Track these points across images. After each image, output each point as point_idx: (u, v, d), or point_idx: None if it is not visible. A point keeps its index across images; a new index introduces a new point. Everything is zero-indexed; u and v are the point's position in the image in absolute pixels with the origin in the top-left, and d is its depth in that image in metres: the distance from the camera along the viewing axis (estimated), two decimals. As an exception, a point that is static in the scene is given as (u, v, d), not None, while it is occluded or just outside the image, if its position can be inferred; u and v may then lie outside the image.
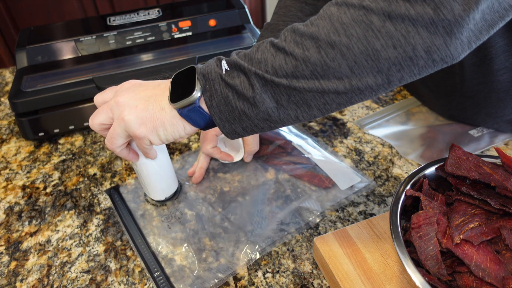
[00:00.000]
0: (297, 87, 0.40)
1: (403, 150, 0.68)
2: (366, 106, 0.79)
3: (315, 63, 0.39)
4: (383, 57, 0.37)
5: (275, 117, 0.42)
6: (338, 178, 0.62)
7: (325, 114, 0.43)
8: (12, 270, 0.54)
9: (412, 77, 0.39)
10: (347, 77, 0.39)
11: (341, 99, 0.40)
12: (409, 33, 0.36)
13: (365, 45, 0.37)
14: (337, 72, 0.38)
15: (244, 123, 0.43)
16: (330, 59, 0.38)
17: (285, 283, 0.50)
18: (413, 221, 0.43)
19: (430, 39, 0.36)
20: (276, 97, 0.41)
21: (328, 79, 0.39)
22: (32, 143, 0.76)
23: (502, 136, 0.68)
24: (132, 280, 0.51)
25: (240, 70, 0.42)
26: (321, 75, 0.39)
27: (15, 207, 0.63)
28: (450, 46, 0.37)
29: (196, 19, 0.86)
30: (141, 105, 0.45)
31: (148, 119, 0.45)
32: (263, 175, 0.64)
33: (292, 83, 0.40)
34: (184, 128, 0.46)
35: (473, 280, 0.39)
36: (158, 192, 0.59)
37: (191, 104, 0.43)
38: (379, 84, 0.39)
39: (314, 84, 0.39)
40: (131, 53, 0.80)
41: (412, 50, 0.37)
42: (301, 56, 0.39)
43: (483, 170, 0.45)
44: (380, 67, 0.38)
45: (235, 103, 0.42)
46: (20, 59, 0.79)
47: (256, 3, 2.14)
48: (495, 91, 0.62)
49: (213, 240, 0.55)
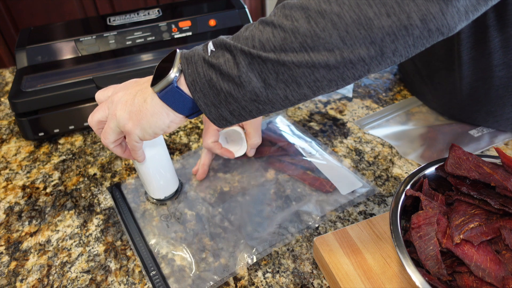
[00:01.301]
0: (285, 61, 0.38)
1: (403, 150, 0.68)
2: (366, 106, 0.79)
3: (305, 34, 0.36)
4: (376, 26, 0.35)
5: (263, 97, 0.40)
6: (339, 182, 0.62)
7: (317, 94, 0.40)
8: (12, 270, 0.54)
9: (407, 49, 0.37)
10: (338, 49, 0.36)
11: (332, 75, 0.38)
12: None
13: (357, 13, 0.35)
14: (327, 43, 0.36)
15: (230, 106, 0.41)
16: (320, 29, 0.36)
17: (285, 283, 0.50)
18: (413, 221, 0.43)
19: (426, 6, 0.34)
20: (263, 76, 0.39)
21: (318, 51, 0.37)
22: (32, 143, 0.76)
23: (502, 136, 0.68)
24: (132, 280, 0.51)
25: (226, 49, 0.40)
26: (310, 47, 0.37)
27: (15, 207, 0.63)
28: (446, 15, 0.35)
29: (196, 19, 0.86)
30: (129, 100, 0.45)
31: (134, 113, 0.44)
32: (263, 175, 0.64)
33: (281, 57, 0.37)
34: (167, 115, 0.44)
35: (473, 280, 0.39)
36: (158, 191, 0.59)
37: (169, 85, 0.41)
38: (372, 56, 0.37)
39: (303, 57, 0.37)
40: (131, 53, 0.80)
41: (407, 18, 0.35)
42: (289, 28, 0.37)
43: (483, 170, 0.45)
44: (373, 37, 0.36)
45: (219, 84, 0.40)
46: (20, 59, 0.79)
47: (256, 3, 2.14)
48: (494, 88, 0.62)
49: (213, 240, 0.55)
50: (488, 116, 0.66)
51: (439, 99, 0.72)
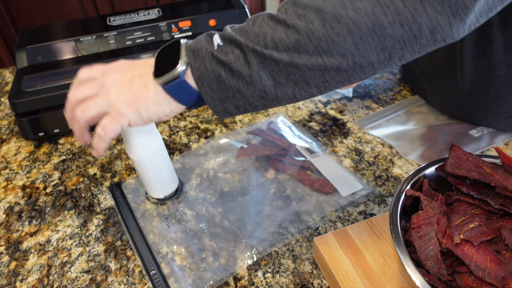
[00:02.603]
0: (298, 63, 0.38)
1: (403, 150, 0.68)
2: (366, 106, 0.79)
3: (320, 38, 0.37)
4: (389, 34, 0.36)
5: (272, 95, 0.41)
6: (339, 184, 0.62)
7: (323, 93, 0.41)
8: (12, 270, 0.54)
9: (412, 55, 0.39)
10: (351, 54, 0.37)
11: (341, 77, 0.39)
12: (416, 10, 0.35)
13: (373, 20, 0.36)
14: (341, 48, 0.37)
15: (237, 102, 0.42)
16: (335, 33, 0.36)
17: (285, 283, 0.50)
18: (413, 221, 0.43)
19: (436, 18, 0.36)
20: (274, 75, 0.39)
21: (332, 55, 0.37)
22: (32, 143, 0.76)
23: (502, 136, 0.68)
24: (132, 280, 0.51)
25: (235, 45, 0.40)
26: (324, 51, 0.37)
27: (15, 207, 0.63)
28: (453, 27, 0.36)
29: (196, 19, 0.86)
30: (126, 84, 0.44)
31: (131, 98, 0.44)
32: (263, 175, 0.64)
33: (294, 59, 0.38)
34: (169, 104, 0.44)
35: (473, 280, 0.39)
36: (158, 190, 0.59)
37: (176, 78, 0.41)
38: (380, 61, 0.38)
39: (316, 60, 0.38)
40: (131, 53, 0.80)
41: (418, 28, 0.36)
42: (304, 30, 0.37)
43: (483, 170, 0.45)
44: (385, 44, 0.37)
45: (228, 81, 0.40)
46: (20, 59, 0.79)
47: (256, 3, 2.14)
48: (494, 86, 0.62)
49: (213, 240, 0.55)
50: (487, 114, 0.67)
51: (439, 96, 0.72)
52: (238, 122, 0.77)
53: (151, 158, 0.55)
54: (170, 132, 0.76)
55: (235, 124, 0.76)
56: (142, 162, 0.54)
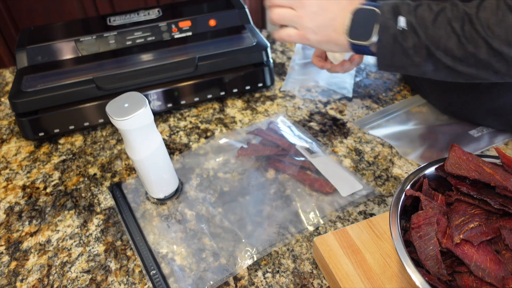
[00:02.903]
0: (458, 69, 0.49)
1: (403, 150, 0.68)
2: (366, 106, 0.79)
3: (481, 60, 0.47)
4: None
5: (427, 75, 0.53)
6: (339, 184, 0.62)
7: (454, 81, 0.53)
8: (12, 270, 0.54)
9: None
10: (505, 74, 0.48)
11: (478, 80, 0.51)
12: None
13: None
14: (498, 71, 0.48)
15: (399, 70, 0.55)
16: (494, 61, 0.47)
17: (285, 283, 0.50)
18: (413, 221, 0.43)
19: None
20: (435, 66, 0.51)
21: (487, 71, 0.48)
22: (32, 143, 0.76)
23: (502, 136, 0.68)
24: (132, 280, 0.51)
25: (416, 35, 0.50)
26: (482, 67, 0.48)
27: (15, 207, 0.63)
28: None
29: (196, 19, 0.86)
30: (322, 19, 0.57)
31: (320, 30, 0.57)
32: (263, 175, 0.64)
33: (455, 65, 0.49)
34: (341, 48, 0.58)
35: (473, 280, 0.39)
36: (158, 190, 0.59)
37: (363, 46, 0.55)
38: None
39: (471, 72, 0.49)
40: (131, 53, 0.80)
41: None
42: (470, 52, 0.47)
43: (483, 170, 0.45)
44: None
45: (400, 59, 0.52)
46: (20, 59, 0.79)
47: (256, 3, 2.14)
48: (494, 86, 0.62)
49: (213, 240, 0.55)
50: (487, 114, 0.67)
51: (440, 95, 0.72)
52: (238, 122, 0.77)
53: (151, 158, 0.55)
54: (170, 132, 0.76)
55: (235, 124, 0.76)
56: (142, 162, 0.54)
